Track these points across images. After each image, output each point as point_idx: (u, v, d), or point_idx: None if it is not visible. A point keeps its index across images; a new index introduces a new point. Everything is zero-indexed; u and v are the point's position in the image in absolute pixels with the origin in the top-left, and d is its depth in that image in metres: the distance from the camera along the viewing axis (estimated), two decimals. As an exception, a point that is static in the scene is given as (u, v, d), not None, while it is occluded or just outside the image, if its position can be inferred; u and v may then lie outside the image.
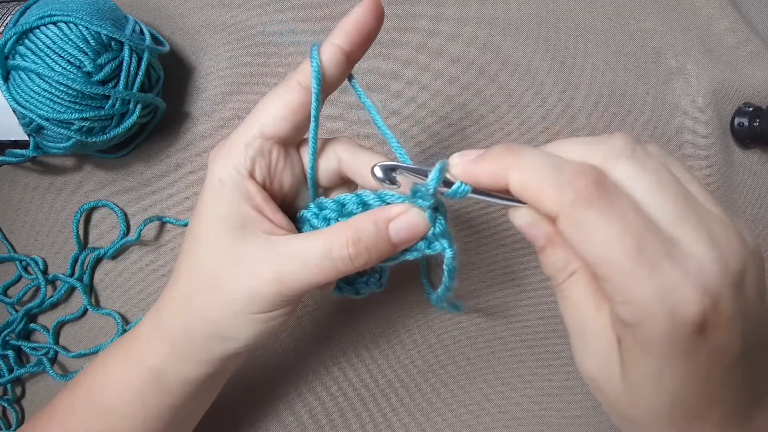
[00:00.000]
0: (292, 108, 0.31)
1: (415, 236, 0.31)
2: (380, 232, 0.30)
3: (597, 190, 0.23)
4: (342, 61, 0.32)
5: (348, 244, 0.30)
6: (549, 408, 0.47)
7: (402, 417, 0.47)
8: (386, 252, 0.31)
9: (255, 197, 0.31)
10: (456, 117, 0.51)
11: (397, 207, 0.31)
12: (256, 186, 0.31)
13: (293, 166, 0.34)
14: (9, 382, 0.48)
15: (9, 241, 0.51)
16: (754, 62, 0.51)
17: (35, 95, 0.42)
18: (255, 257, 0.30)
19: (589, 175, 0.23)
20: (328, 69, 0.31)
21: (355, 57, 0.32)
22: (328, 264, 0.30)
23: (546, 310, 0.48)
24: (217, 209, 0.31)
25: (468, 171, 0.28)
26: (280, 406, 0.47)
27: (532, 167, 0.25)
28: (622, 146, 0.25)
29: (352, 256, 0.30)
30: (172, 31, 0.53)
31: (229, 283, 0.30)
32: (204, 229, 0.31)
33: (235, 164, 0.31)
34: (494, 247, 0.49)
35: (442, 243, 0.31)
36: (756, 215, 0.51)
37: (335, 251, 0.29)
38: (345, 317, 0.48)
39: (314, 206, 0.33)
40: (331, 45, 0.31)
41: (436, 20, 0.52)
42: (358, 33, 0.31)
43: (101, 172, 0.51)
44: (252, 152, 0.31)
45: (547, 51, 0.52)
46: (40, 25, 0.41)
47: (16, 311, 0.49)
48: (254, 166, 0.31)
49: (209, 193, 0.32)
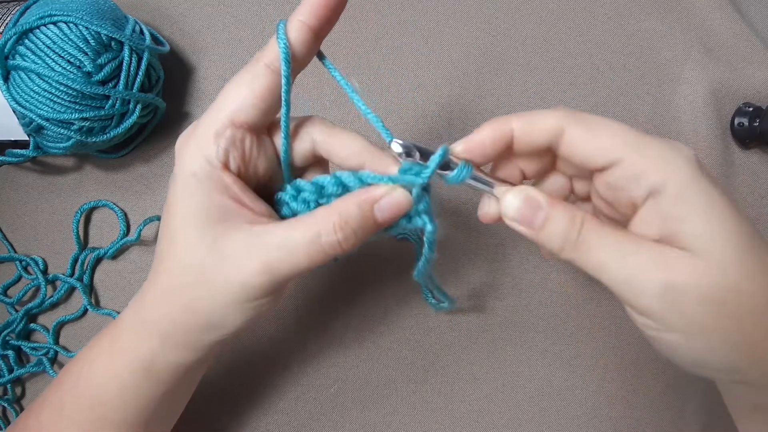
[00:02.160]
0: (262, 94, 0.30)
1: (400, 215, 0.31)
2: (366, 214, 0.30)
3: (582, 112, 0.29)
4: (310, 39, 0.30)
5: (336, 230, 0.29)
6: (549, 408, 0.47)
7: (402, 417, 0.47)
8: (373, 231, 0.31)
9: (232, 188, 0.30)
10: (456, 117, 0.51)
11: (381, 188, 0.31)
12: (232, 176, 0.31)
13: (266, 151, 0.33)
14: (9, 382, 0.48)
15: (9, 241, 0.51)
16: (754, 62, 0.51)
17: (35, 95, 0.42)
18: (241, 250, 0.30)
19: None
20: (296, 48, 0.30)
21: (323, 33, 0.31)
22: (318, 250, 0.30)
23: (546, 310, 0.48)
24: (194, 204, 0.30)
25: (471, 141, 0.30)
26: (280, 406, 0.47)
27: (529, 112, 0.29)
28: None
29: (341, 240, 0.30)
30: (172, 31, 0.53)
31: (218, 278, 0.30)
32: (181, 224, 0.30)
33: (207, 156, 0.30)
34: (494, 248, 0.49)
35: (423, 218, 0.31)
36: (756, 215, 0.51)
37: (324, 237, 0.29)
38: (345, 317, 0.48)
39: (291, 189, 0.33)
40: (298, 22, 0.30)
41: (436, 20, 0.52)
42: (324, 7, 0.30)
43: (101, 172, 0.51)
44: (224, 143, 0.30)
45: (547, 51, 0.52)
46: (40, 25, 0.41)
47: (16, 311, 0.49)
48: (227, 157, 0.30)
49: (182, 187, 0.31)
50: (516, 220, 0.29)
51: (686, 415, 0.47)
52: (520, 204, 0.29)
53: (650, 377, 0.47)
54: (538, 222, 0.29)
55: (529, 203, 0.29)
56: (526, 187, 0.30)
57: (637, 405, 0.47)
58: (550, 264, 0.49)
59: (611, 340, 0.48)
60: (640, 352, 0.47)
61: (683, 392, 0.47)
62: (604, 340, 0.48)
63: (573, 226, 0.28)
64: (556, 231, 0.28)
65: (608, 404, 0.47)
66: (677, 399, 0.47)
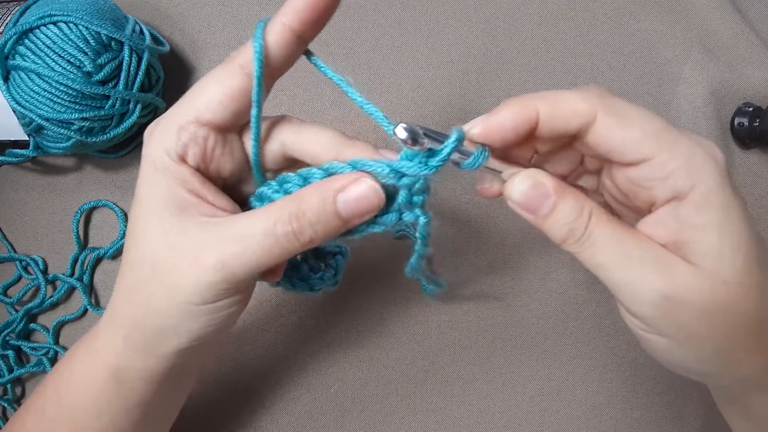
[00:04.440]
0: (232, 94, 0.29)
1: (367, 210, 0.28)
2: (326, 205, 0.27)
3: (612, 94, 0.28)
4: (291, 41, 0.29)
5: (291, 219, 0.27)
6: (549, 408, 0.47)
7: (402, 417, 0.47)
8: (335, 227, 0.28)
9: (189, 181, 0.29)
10: (456, 117, 0.51)
11: (345, 177, 0.28)
12: (189, 170, 0.29)
13: (233, 152, 0.31)
14: (9, 382, 0.48)
15: (9, 241, 0.51)
16: (754, 62, 0.51)
17: (35, 95, 0.42)
18: (196, 243, 0.28)
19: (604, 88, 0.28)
20: (274, 50, 0.29)
21: (307, 36, 0.29)
22: (272, 242, 0.27)
23: (546, 309, 0.48)
24: (153, 194, 0.29)
25: (490, 125, 0.27)
26: (280, 406, 0.47)
27: (556, 93, 0.27)
28: None
29: (296, 231, 0.27)
30: (172, 31, 0.53)
31: (170, 273, 0.28)
32: (141, 216, 0.29)
33: (167, 148, 0.29)
34: (494, 247, 0.49)
35: (416, 212, 0.29)
36: (756, 215, 0.51)
37: (279, 227, 0.27)
38: (345, 317, 0.48)
39: (275, 183, 0.30)
40: (279, 24, 0.28)
41: (436, 20, 0.52)
42: (309, 10, 0.28)
43: (101, 172, 0.51)
44: (185, 137, 0.29)
45: (547, 51, 0.52)
46: (40, 25, 0.41)
47: (16, 311, 0.49)
48: (186, 152, 0.29)
49: (144, 174, 0.30)
50: (521, 205, 0.28)
51: (686, 415, 0.47)
52: (527, 189, 0.27)
53: (650, 377, 0.47)
54: (544, 210, 0.27)
55: (537, 189, 0.27)
56: (534, 171, 0.28)
57: (637, 405, 0.47)
58: (550, 264, 0.49)
59: (611, 340, 0.48)
60: (640, 353, 0.47)
61: (683, 392, 0.47)
62: (604, 340, 0.48)
63: (580, 219, 0.27)
64: (562, 221, 0.27)
65: (608, 404, 0.47)
66: (677, 399, 0.47)
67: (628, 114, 0.27)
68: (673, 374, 0.47)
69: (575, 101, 0.27)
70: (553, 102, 0.27)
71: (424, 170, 0.27)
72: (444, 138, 0.27)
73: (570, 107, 0.27)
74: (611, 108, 0.27)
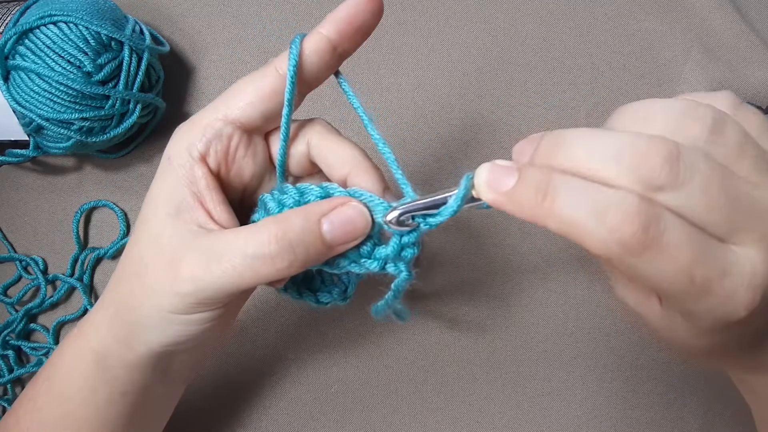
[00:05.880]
0: (263, 94, 0.29)
1: (353, 236, 0.27)
2: (310, 227, 0.26)
3: (644, 238, 0.20)
4: (327, 52, 0.29)
5: (270, 241, 0.26)
6: (549, 408, 0.47)
7: (402, 417, 0.47)
8: (319, 253, 0.27)
9: (198, 183, 0.29)
10: (456, 117, 0.51)
11: (333, 200, 0.27)
12: (204, 170, 0.29)
13: (256, 154, 0.31)
14: (9, 382, 0.48)
15: (9, 241, 0.51)
16: (754, 62, 0.51)
17: (35, 95, 0.42)
18: (176, 250, 0.28)
19: (636, 222, 0.20)
20: (309, 57, 0.29)
21: (345, 50, 0.30)
22: (246, 264, 0.26)
23: (546, 310, 0.48)
24: (160, 191, 0.29)
25: (500, 204, 0.23)
26: (281, 406, 0.47)
27: (570, 217, 0.21)
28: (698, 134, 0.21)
29: (273, 254, 0.26)
30: (172, 31, 0.53)
31: (151, 272, 0.28)
32: (144, 210, 0.30)
33: (188, 144, 0.29)
34: (493, 248, 0.49)
35: (399, 266, 0.27)
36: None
37: (253, 248, 0.26)
38: (345, 317, 0.48)
39: (277, 191, 0.30)
40: (317, 34, 0.29)
41: (436, 20, 0.52)
42: (348, 24, 0.29)
43: (101, 172, 0.51)
44: (210, 134, 0.29)
45: (547, 51, 0.52)
46: (40, 25, 0.41)
47: (16, 311, 0.49)
48: (208, 149, 0.29)
49: (158, 170, 0.30)
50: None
51: (686, 414, 0.47)
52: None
53: (650, 377, 0.47)
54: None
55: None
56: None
57: (637, 405, 0.47)
58: (550, 264, 0.49)
59: (611, 341, 0.48)
60: (640, 353, 0.47)
61: (683, 392, 0.47)
62: (604, 340, 0.48)
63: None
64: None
65: (608, 404, 0.47)
66: (677, 399, 0.47)
67: (640, 272, 0.22)
68: (673, 374, 0.47)
69: (585, 241, 0.21)
70: (561, 231, 0.22)
71: (425, 225, 0.26)
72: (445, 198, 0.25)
73: (579, 241, 0.22)
74: (625, 266, 0.22)
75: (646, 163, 0.20)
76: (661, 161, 0.20)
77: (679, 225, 0.21)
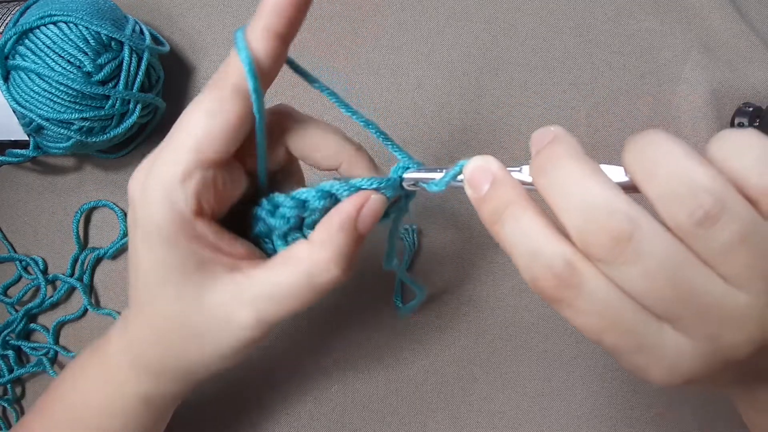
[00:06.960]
0: (232, 125, 0.26)
1: (378, 219, 0.29)
2: (353, 235, 0.28)
3: (557, 295, 0.23)
4: (277, 47, 0.26)
5: (330, 266, 0.27)
6: (549, 408, 0.47)
7: (402, 417, 0.47)
8: (360, 244, 0.29)
9: (207, 236, 0.27)
10: (456, 117, 0.51)
11: (355, 200, 0.28)
12: (205, 223, 0.27)
13: (234, 177, 0.29)
14: (9, 382, 0.48)
15: (9, 241, 0.51)
16: (754, 62, 0.51)
17: (35, 95, 0.42)
18: (229, 306, 0.27)
19: (552, 282, 0.22)
20: (263, 61, 0.26)
21: (291, 36, 0.27)
22: (313, 291, 0.28)
23: (546, 310, 0.48)
24: (163, 260, 0.27)
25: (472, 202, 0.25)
26: (281, 407, 0.47)
27: (509, 247, 0.24)
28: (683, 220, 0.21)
29: (342, 273, 0.28)
30: (172, 31, 0.53)
31: (208, 335, 0.28)
32: (154, 280, 0.28)
33: (174, 203, 0.26)
34: (493, 248, 0.49)
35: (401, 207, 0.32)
36: (756, 215, 0.51)
37: (318, 277, 0.27)
38: (345, 318, 0.48)
39: (268, 204, 0.30)
40: (262, 31, 0.26)
41: (436, 20, 0.52)
42: (291, 6, 0.26)
43: (101, 172, 0.51)
44: (194, 187, 0.26)
45: (547, 51, 0.52)
46: (40, 25, 0.41)
47: (16, 311, 0.49)
48: (200, 203, 0.27)
49: (145, 241, 0.27)
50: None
51: (685, 415, 0.47)
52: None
53: (650, 377, 0.47)
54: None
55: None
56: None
57: (637, 405, 0.47)
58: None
59: (611, 340, 0.48)
60: (640, 352, 0.47)
61: (683, 392, 0.47)
62: (604, 340, 0.48)
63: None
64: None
65: (608, 404, 0.47)
66: (677, 399, 0.47)
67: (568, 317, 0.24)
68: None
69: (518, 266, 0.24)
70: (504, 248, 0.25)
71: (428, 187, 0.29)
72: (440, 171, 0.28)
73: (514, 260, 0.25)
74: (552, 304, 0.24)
75: (596, 235, 0.21)
76: (608, 239, 0.21)
77: (600, 294, 0.22)
